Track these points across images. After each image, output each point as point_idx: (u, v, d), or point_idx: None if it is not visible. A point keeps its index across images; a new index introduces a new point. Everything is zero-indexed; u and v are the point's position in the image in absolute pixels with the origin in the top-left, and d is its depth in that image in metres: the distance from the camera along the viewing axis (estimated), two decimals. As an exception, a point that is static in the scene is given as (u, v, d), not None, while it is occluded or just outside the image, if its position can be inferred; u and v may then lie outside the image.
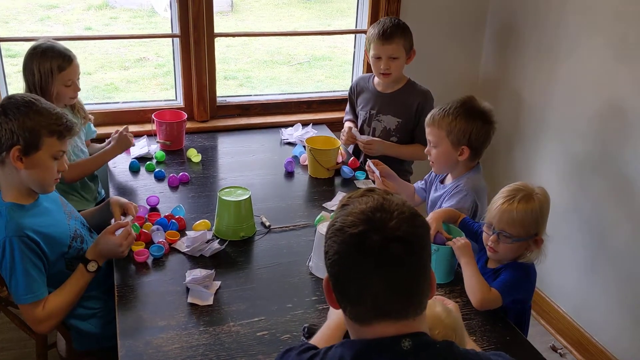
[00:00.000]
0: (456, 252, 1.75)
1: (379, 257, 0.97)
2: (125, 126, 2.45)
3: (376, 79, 2.64)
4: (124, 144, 2.39)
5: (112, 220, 1.93)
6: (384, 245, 0.97)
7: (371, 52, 2.52)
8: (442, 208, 2.00)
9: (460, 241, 1.76)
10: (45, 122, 1.65)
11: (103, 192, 2.60)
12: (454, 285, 1.80)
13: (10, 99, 1.67)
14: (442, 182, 2.16)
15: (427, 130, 2.07)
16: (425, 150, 2.12)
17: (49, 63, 2.20)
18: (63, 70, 2.22)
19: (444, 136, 2.00)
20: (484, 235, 1.77)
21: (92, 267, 1.75)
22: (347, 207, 1.03)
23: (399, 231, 0.98)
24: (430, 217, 1.90)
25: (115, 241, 1.76)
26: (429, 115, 2.08)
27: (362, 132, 2.68)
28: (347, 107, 2.86)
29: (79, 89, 2.32)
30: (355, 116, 2.79)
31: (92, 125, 2.54)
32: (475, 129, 1.98)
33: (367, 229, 0.98)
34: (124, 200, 2.00)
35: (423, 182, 2.32)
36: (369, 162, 2.29)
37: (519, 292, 1.73)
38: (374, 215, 0.99)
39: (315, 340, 1.26)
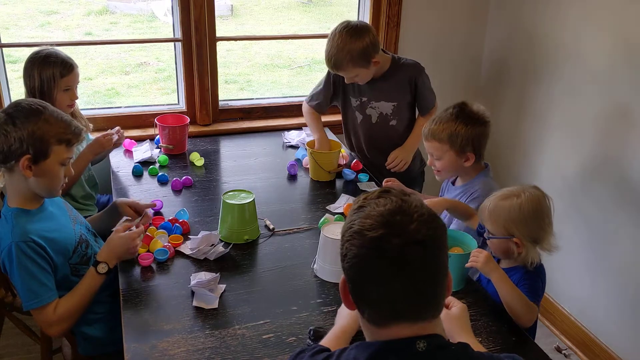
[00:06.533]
0: (482, 271, 1.65)
1: (399, 261, 0.95)
2: (113, 129, 2.42)
3: None
4: (94, 147, 2.36)
5: (121, 220, 1.94)
6: (405, 249, 0.95)
7: None
8: (447, 199, 2.02)
9: (480, 257, 1.63)
10: (55, 131, 1.64)
11: (107, 196, 2.60)
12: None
13: (17, 106, 1.65)
14: (453, 183, 2.18)
15: (427, 144, 2.07)
16: (428, 162, 2.12)
17: (52, 69, 2.21)
18: (64, 76, 2.24)
19: (447, 149, 2.02)
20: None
21: (102, 268, 1.73)
22: (364, 208, 1.01)
23: (419, 234, 0.96)
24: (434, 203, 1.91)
25: (128, 238, 1.76)
26: (425, 129, 2.07)
27: (354, 118, 2.61)
28: (319, 89, 2.64)
29: (76, 97, 2.32)
30: (328, 101, 2.64)
31: (90, 135, 2.52)
32: (477, 133, 2.01)
33: (387, 232, 0.96)
34: (130, 200, 2.01)
35: None
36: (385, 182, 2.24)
37: (539, 295, 1.72)
38: (394, 218, 0.97)
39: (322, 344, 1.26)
